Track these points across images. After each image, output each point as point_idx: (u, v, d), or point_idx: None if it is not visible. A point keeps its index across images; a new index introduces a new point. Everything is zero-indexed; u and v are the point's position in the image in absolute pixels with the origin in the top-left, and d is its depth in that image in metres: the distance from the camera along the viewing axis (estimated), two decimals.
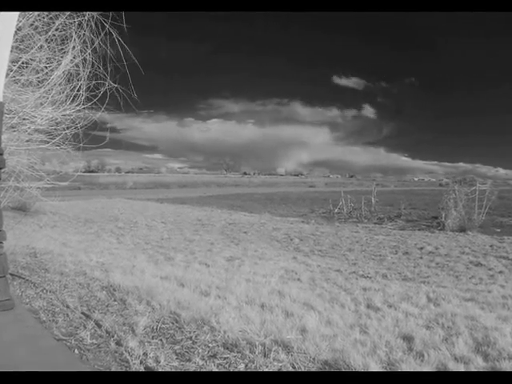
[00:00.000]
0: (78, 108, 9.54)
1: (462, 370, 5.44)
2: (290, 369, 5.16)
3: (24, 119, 9.08)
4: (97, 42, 8.84)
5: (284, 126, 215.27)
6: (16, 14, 5.53)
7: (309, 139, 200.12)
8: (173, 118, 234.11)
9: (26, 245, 13.96)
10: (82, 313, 6.94)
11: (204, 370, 5.00)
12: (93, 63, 9.25)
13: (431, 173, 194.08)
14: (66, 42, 8.85)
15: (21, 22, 7.62)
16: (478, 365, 5.72)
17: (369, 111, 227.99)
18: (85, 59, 9.12)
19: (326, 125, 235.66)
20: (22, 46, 8.13)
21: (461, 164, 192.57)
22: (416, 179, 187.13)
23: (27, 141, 9.84)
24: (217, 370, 5.03)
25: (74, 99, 9.41)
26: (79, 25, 8.66)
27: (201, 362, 5.19)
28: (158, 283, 9.38)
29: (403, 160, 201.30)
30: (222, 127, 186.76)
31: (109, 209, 36.78)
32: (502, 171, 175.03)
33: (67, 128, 9.96)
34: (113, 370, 4.87)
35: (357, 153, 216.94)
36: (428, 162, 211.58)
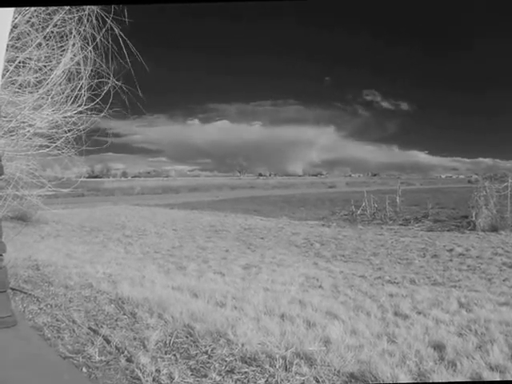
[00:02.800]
0: (79, 109, 9.54)
1: (498, 380, 5.40)
2: (314, 383, 5.14)
3: (22, 122, 9.09)
4: (98, 39, 8.84)
5: (286, 126, 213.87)
6: (11, 10, 5.54)
7: (315, 138, 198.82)
8: (175, 120, 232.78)
9: (27, 257, 14.01)
10: (90, 328, 6.95)
11: None
12: (94, 61, 9.26)
13: (454, 169, 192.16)
14: (65, 38, 8.84)
15: (16, 18, 7.63)
16: None
17: (374, 108, 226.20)
18: (86, 57, 9.12)
19: (330, 123, 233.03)
20: (18, 45, 8.13)
21: (480, 159, 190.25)
22: (443, 176, 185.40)
23: (26, 145, 9.85)
24: None
25: (75, 100, 9.41)
26: (79, 20, 8.65)
27: (218, 378, 5.18)
28: (169, 294, 9.39)
29: (423, 157, 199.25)
30: (225, 129, 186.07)
31: (115, 216, 36.81)
32: None
33: (68, 131, 9.96)
34: None
35: (369, 151, 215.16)
36: (449, 158, 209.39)
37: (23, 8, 7.76)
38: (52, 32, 8.55)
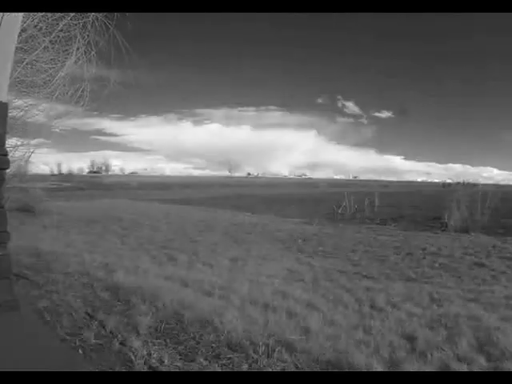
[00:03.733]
0: (82, 109, 9.56)
1: (465, 370, 5.45)
2: (294, 369, 5.16)
3: (28, 120, 9.10)
4: (101, 44, 8.85)
5: (270, 130, 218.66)
6: (20, 14, 5.53)
7: (298, 142, 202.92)
8: (169, 122, 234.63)
9: (30, 245, 13.96)
10: (86, 313, 6.94)
11: (208, 370, 5.00)
12: (97, 64, 9.27)
13: (428, 174, 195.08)
14: (70, 43, 8.86)
15: (25, 23, 7.63)
16: (481, 365, 5.73)
17: (348, 114, 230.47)
18: (89, 60, 9.13)
19: (312, 128, 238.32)
20: (26, 47, 8.13)
21: (450, 165, 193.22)
22: (420, 180, 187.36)
23: (32, 142, 9.86)
24: (220, 370, 5.03)
25: (77, 100, 9.43)
26: (83, 26, 8.67)
27: (204, 362, 5.19)
28: (161, 283, 9.39)
29: (399, 162, 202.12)
30: (216, 131, 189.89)
31: (112, 209, 36.74)
32: (496, 171, 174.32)
33: (71, 129, 9.98)
34: (117, 369, 4.87)
35: (350, 155, 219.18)
36: (423, 163, 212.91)
37: (31, 13, 7.75)
38: (58, 36, 8.56)
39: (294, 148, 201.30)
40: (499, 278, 12.95)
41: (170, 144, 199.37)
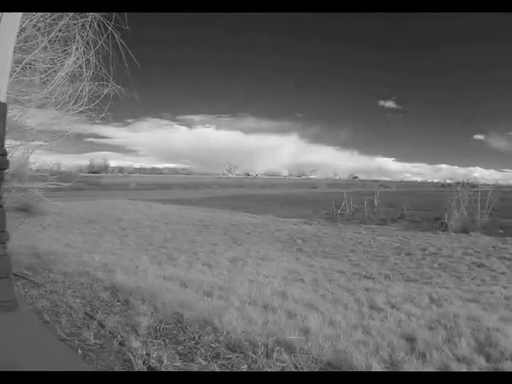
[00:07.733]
0: (80, 109, 9.54)
1: (465, 371, 5.44)
2: (293, 369, 5.15)
3: (27, 119, 9.09)
4: (100, 44, 8.83)
5: (250, 135, 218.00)
6: (19, 14, 5.53)
7: (281, 145, 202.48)
8: (158, 126, 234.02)
9: (29, 245, 13.94)
10: (85, 313, 6.93)
11: (207, 371, 4.99)
12: (96, 64, 9.26)
13: (419, 174, 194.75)
14: (69, 43, 8.84)
15: (24, 22, 7.62)
16: (481, 365, 5.72)
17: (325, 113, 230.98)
18: (88, 60, 9.12)
19: (292, 131, 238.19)
20: (25, 47, 8.11)
21: (438, 166, 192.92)
22: (419, 180, 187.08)
23: (31, 141, 9.84)
24: (219, 371, 5.02)
25: (76, 100, 9.41)
26: (82, 26, 8.66)
27: (204, 363, 5.18)
28: (160, 284, 9.37)
29: (390, 163, 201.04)
30: (203, 135, 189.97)
31: (112, 210, 36.68)
32: (485, 172, 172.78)
33: (70, 129, 9.97)
34: (116, 369, 4.87)
35: (335, 156, 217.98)
36: (411, 164, 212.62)
37: (30, 13, 7.74)
38: (57, 36, 8.56)
39: (279, 150, 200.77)
40: (499, 278, 12.94)
41: (164, 147, 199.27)
